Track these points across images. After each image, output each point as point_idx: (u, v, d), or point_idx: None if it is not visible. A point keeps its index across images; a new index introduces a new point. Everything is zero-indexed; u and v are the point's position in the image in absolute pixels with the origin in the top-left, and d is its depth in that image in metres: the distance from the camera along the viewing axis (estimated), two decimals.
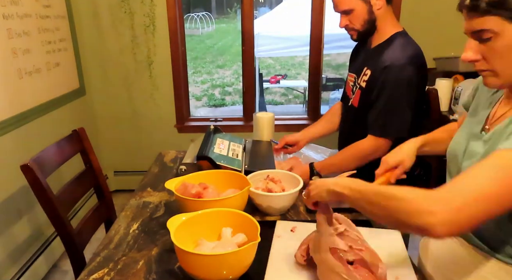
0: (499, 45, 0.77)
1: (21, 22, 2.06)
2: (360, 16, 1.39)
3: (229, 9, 20.52)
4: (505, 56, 0.78)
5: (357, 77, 1.51)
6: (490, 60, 0.80)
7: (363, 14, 1.39)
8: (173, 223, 0.98)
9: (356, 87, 1.50)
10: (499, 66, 0.80)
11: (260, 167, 1.45)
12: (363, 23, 1.41)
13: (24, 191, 2.01)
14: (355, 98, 1.50)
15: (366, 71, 1.44)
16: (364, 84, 1.44)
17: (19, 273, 2.00)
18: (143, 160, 3.07)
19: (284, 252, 1.04)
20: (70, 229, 1.32)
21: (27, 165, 1.22)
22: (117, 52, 2.91)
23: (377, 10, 1.39)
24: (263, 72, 8.21)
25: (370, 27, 1.42)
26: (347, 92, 1.62)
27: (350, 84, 1.58)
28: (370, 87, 1.42)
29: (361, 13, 1.39)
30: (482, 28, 0.77)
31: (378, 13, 1.39)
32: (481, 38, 0.79)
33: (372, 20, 1.40)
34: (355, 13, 1.39)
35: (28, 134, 2.11)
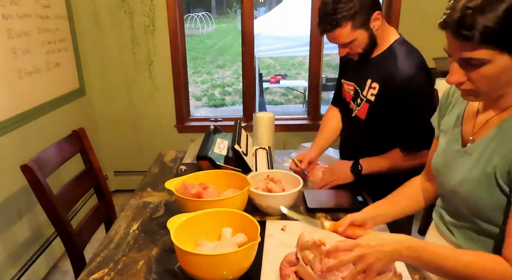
0: (488, 72, 0.76)
1: (21, 22, 2.06)
2: (361, 43, 1.36)
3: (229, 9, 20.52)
4: (492, 81, 0.78)
5: (359, 88, 1.47)
6: (476, 83, 0.79)
7: (365, 39, 1.35)
8: (173, 223, 0.98)
9: (361, 99, 1.46)
10: (484, 88, 0.80)
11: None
12: (365, 47, 1.37)
13: (24, 191, 2.01)
14: (362, 111, 1.46)
15: (373, 84, 1.40)
16: (373, 98, 1.40)
17: (19, 273, 2.00)
18: (143, 160, 3.08)
19: (278, 252, 1.04)
20: (70, 229, 1.32)
21: (27, 165, 1.22)
22: (117, 52, 2.91)
23: (376, 31, 1.36)
24: (263, 72, 8.21)
25: (373, 46, 1.39)
26: (347, 100, 1.57)
27: (351, 93, 1.54)
28: (382, 102, 1.38)
29: (362, 40, 1.35)
30: (473, 57, 0.75)
31: (378, 32, 1.37)
32: (470, 64, 0.77)
33: (374, 40, 1.38)
34: (356, 42, 1.35)
35: (28, 134, 2.11)
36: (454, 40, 0.76)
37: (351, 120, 1.53)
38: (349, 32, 1.31)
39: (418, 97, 1.32)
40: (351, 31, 1.31)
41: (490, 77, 0.77)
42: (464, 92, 0.84)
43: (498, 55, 0.74)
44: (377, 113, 1.41)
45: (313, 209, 1.29)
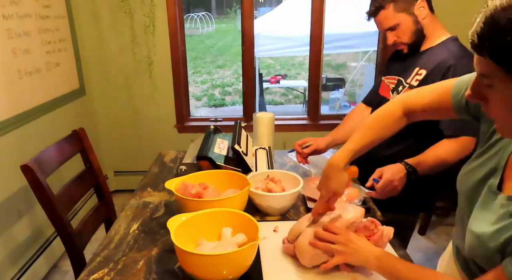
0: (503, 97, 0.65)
1: (21, 22, 2.06)
2: (407, 29, 1.36)
3: (229, 9, 20.51)
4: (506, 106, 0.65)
5: (403, 78, 1.45)
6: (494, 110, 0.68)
7: (410, 26, 1.36)
8: (173, 223, 0.99)
9: (403, 86, 1.43)
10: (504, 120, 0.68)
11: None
12: (411, 35, 1.38)
13: (24, 191, 2.01)
14: None
15: (420, 71, 1.39)
16: (417, 83, 1.38)
17: (19, 273, 2.00)
18: (143, 160, 3.08)
19: (273, 254, 1.05)
20: (70, 229, 1.32)
21: (27, 165, 1.22)
22: (117, 52, 2.91)
23: (422, 19, 1.36)
24: (263, 72, 8.21)
25: (419, 37, 1.39)
26: (383, 94, 1.53)
27: (391, 86, 1.51)
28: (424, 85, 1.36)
29: (407, 26, 1.36)
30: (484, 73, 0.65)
31: (424, 22, 1.36)
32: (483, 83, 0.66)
33: (420, 30, 1.37)
34: (401, 27, 1.36)
35: (28, 134, 2.11)
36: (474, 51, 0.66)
37: None
38: (392, 14, 1.34)
39: None
40: (394, 13, 1.34)
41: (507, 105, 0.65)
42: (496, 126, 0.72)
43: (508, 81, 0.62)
44: None
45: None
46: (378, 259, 0.89)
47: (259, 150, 1.70)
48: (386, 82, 1.55)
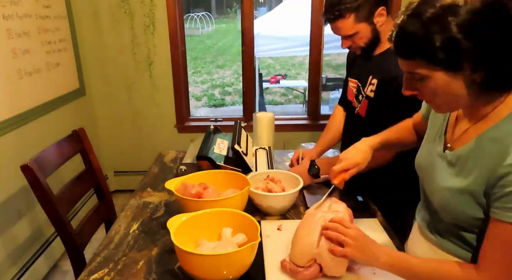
0: (432, 86, 0.78)
1: (21, 22, 2.06)
2: (364, 36, 1.35)
3: (229, 9, 20.53)
4: (441, 94, 0.79)
5: (362, 85, 1.47)
6: (427, 96, 0.82)
7: (368, 34, 1.35)
8: (173, 223, 0.99)
9: (362, 96, 1.46)
10: (437, 101, 0.82)
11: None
12: (367, 41, 1.37)
13: (24, 191, 2.01)
14: (362, 108, 1.46)
15: (373, 81, 1.40)
16: (372, 94, 1.40)
17: (19, 273, 2.00)
18: (143, 160, 3.08)
19: (278, 252, 1.04)
20: (70, 229, 1.32)
21: (27, 165, 1.22)
22: (117, 52, 2.91)
23: (380, 26, 1.35)
24: (263, 72, 8.21)
25: (375, 42, 1.39)
26: (350, 99, 1.57)
27: (354, 91, 1.53)
28: (379, 98, 1.38)
29: (365, 34, 1.35)
30: (412, 71, 0.79)
31: (382, 28, 1.36)
32: (415, 78, 0.80)
33: (377, 36, 1.37)
34: (359, 35, 1.35)
35: (28, 134, 2.12)
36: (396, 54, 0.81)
37: (353, 118, 1.53)
38: (352, 24, 1.32)
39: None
40: (354, 24, 1.32)
41: (435, 90, 0.79)
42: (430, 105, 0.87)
43: (433, 70, 0.76)
44: (375, 110, 1.40)
45: None
46: (389, 256, 0.89)
47: (259, 150, 1.70)
48: (350, 86, 1.57)
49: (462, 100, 0.80)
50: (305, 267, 0.94)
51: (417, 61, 0.76)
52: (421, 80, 0.79)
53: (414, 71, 0.78)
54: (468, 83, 0.76)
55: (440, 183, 0.89)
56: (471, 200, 0.82)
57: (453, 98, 0.79)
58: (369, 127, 1.43)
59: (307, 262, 0.94)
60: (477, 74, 0.74)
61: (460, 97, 0.79)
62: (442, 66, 0.74)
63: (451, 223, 0.89)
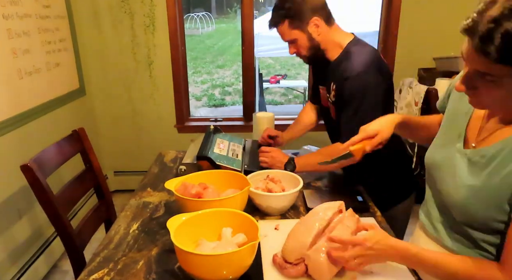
0: (498, 92, 0.75)
1: (21, 22, 2.06)
2: (303, 44, 1.43)
3: (229, 9, 20.53)
4: (499, 100, 0.77)
5: (328, 93, 1.51)
6: (483, 97, 0.79)
7: (305, 42, 1.42)
8: (173, 223, 0.98)
9: (330, 102, 1.50)
10: (490, 104, 0.81)
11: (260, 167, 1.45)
12: (308, 50, 1.44)
13: (24, 191, 2.01)
14: (332, 112, 1.51)
15: (333, 87, 1.44)
16: (334, 99, 1.46)
17: (19, 273, 2.00)
18: (143, 160, 3.08)
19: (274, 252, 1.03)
20: (70, 229, 1.32)
21: (27, 165, 1.22)
22: (117, 52, 2.91)
23: (317, 36, 1.41)
24: (263, 72, 8.20)
25: (316, 51, 1.45)
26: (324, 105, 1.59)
27: (325, 97, 1.56)
28: (338, 101, 1.43)
29: (303, 42, 1.42)
30: (486, 72, 0.72)
31: (320, 38, 1.41)
32: (481, 77, 0.74)
33: (316, 45, 1.43)
34: (298, 42, 1.43)
35: (28, 134, 2.11)
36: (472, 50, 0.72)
37: (331, 124, 1.58)
38: (288, 30, 1.41)
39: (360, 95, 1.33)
40: (289, 30, 1.40)
41: (496, 96, 0.76)
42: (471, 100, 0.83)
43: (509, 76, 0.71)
44: (338, 113, 1.45)
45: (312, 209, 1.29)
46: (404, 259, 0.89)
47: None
48: (322, 93, 1.60)
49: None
50: (292, 264, 0.94)
51: (500, 65, 0.69)
52: (489, 82, 0.73)
53: (491, 73, 0.72)
54: None
55: (459, 181, 0.88)
56: (492, 200, 0.81)
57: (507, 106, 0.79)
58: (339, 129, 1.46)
59: (295, 260, 0.94)
60: None
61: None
62: None
63: (463, 221, 0.88)
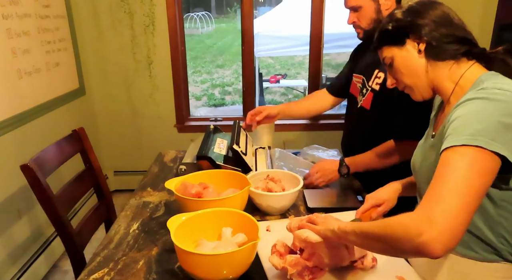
0: (397, 66, 0.97)
1: (20, 22, 2.06)
2: (367, 14, 1.39)
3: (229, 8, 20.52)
4: (404, 71, 0.97)
5: (366, 79, 1.49)
6: (399, 79, 1.00)
7: (371, 12, 1.38)
8: (173, 223, 0.98)
9: (366, 89, 1.47)
10: (406, 80, 0.98)
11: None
12: (370, 22, 1.40)
13: (24, 191, 2.01)
14: (366, 101, 1.47)
15: (379, 74, 1.42)
16: (378, 87, 1.42)
17: (19, 273, 2.00)
18: (143, 160, 3.08)
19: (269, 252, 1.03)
20: (70, 229, 1.32)
21: (27, 165, 1.22)
22: (117, 52, 2.91)
23: (385, 10, 1.37)
24: (263, 71, 8.20)
25: (377, 26, 1.37)
26: (354, 93, 1.59)
27: (358, 85, 1.55)
28: (385, 90, 1.36)
29: (368, 11, 1.38)
30: (383, 57, 1.01)
31: (386, 13, 1.37)
32: (387, 65, 1.00)
33: (379, 20, 1.38)
34: (363, 10, 1.39)
35: (28, 134, 2.11)
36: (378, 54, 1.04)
37: (357, 112, 1.54)
38: None
39: None
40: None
41: (400, 69, 0.97)
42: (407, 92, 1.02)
43: (391, 50, 0.97)
44: (381, 102, 1.42)
45: (313, 208, 1.29)
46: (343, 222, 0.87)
47: (259, 149, 1.70)
48: (355, 81, 1.59)
49: (421, 72, 0.94)
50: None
51: (383, 48, 1.00)
52: (392, 65, 0.99)
53: (383, 56, 1.00)
54: (418, 53, 0.93)
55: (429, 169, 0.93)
56: None
57: (414, 73, 0.95)
58: (374, 120, 1.44)
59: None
60: (421, 44, 0.92)
61: (419, 71, 0.95)
62: (393, 44, 0.96)
63: None
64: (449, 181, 0.71)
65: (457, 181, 0.70)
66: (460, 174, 0.71)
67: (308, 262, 0.92)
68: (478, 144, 0.72)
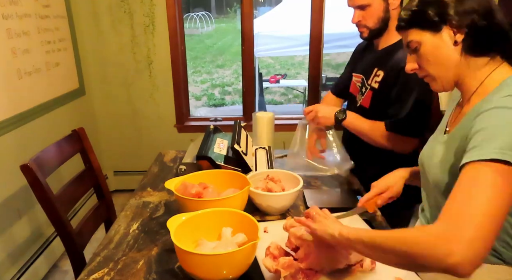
0: (424, 52, 0.91)
1: (20, 22, 2.06)
2: (375, 13, 1.35)
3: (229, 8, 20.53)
4: (432, 60, 0.90)
5: (365, 78, 1.48)
6: (424, 67, 0.93)
7: (379, 11, 1.35)
8: (173, 223, 0.98)
9: (365, 88, 1.46)
10: (431, 70, 0.92)
11: None
12: (377, 21, 1.36)
13: (24, 191, 2.01)
14: (366, 99, 1.47)
15: (378, 72, 1.41)
16: (377, 85, 1.41)
17: (19, 273, 2.00)
18: (143, 160, 3.07)
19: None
20: (70, 229, 1.32)
21: (27, 165, 1.22)
22: (117, 52, 2.91)
23: (392, 9, 1.35)
24: (263, 71, 8.20)
25: (383, 26, 1.38)
26: (353, 93, 1.59)
27: (357, 85, 1.55)
28: (384, 88, 1.39)
29: (377, 10, 1.34)
30: (409, 40, 0.93)
31: (393, 13, 1.36)
32: (412, 48, 0.93)
33: (386, 19, 1.36)
34: (370, 9, 1.34)
35: (28, 134, 2.11)
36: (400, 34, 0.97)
37: (356, 111, 1.52)
38: None
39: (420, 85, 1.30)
40: None
41: (428, 56, 0.90)
42: (427, 81, 0.96)
43: (422, 35, 0.90)
44: (380, 101, 1.41)
45: None
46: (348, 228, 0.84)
47: (259, 149, 1.70)
48: (354, 81, 1.59)
49: (451, 64, 0.89)
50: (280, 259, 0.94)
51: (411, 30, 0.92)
52: (417, 50, 0.92)
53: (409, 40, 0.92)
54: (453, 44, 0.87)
55: (440, 166, 0.92)
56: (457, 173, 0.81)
57: (442, 63, 0.90)
58: (374, 118, 1.44)
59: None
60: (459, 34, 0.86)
61: (449, 63, 0.89)
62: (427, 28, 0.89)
63: None
64: (478, 200, 0.68)
65: (488, 201, 0.68)
66: (491, 194, 0.68)
67: (302, 264, 0.91)
68: (508, 159, 0.69)
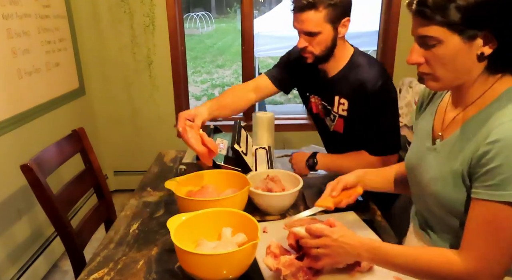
0: (442, 53, 0.79)
1: (20, 22, 2.06)
2: (323, 41, 1.29)
3: (229, 8, 20.54)
4: (447, 63, 0.80)
5: (329, 106, 1.45)
6: (432, 65, 0.82)
7: (328, 40, 1.29)
8: (173, 223, 0.99)
9: (334, 115, 1.44)
10: (440, 72, 0.82)
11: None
12: (324, 49, 1.31)
13: (24, 191, 2.01)
14: (338, 126, 1.45)
15: (341, 100, 1.39)
16: (345, 112, 1.39)
17: (19, 273, 2.00)
18: (143, 160, 3.07)
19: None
20: (70, 229, 1.32)
21: (27, 165, 1.22)
22: (117, 52, 2.91)
23: (339, 38, 1.32)
24: (263, 71, 8.18)
25: (329, 53, 1.33)
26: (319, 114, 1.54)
27: (319, 107, 1.51)
28: (354, 115, 1.38)
29: (326, 38, 1.29)
30: (427, 35, 0.78)
31: (339, 41, 1.33)
32: (426, 44, 0.80)
33: (333, 47, 1.32)
34: (319, 37, 1.28)
35: (28, 134, 2.11)
36: (413, 18, 0.80)
37: (331, 135, 1.53)
38: (320, 20, 1.25)
39: (388, 102, 1.35)
40: (323, 21, 1.25)
41: (444, 59, 0.79)
42: (424, 78, 0.86)
43: (449, 35, 0.76)
44: (353, 126, 1.41)
45: None
46: (368, 251, 0.86)
47: (259, 149, 1.70)
48: (314, 102, 1.54)
49: (463, 76, 0.81)
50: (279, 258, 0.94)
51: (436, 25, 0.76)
52: (432, 47, 0.79)
53: (430, 35, 0.78)
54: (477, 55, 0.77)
55: (429, 174, 0.90)
56: (460, 184, 0.82)
57: (457, 70, 0.80)
58: (351, 142, 1.44)
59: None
60: (488, 47, 0.76)
61: (463, 72, 0.80)
62: (459, 32, 0.75)
63: (444, 217, 0.89)
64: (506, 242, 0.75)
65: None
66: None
67: (302, 262, 0.92)
68: None
